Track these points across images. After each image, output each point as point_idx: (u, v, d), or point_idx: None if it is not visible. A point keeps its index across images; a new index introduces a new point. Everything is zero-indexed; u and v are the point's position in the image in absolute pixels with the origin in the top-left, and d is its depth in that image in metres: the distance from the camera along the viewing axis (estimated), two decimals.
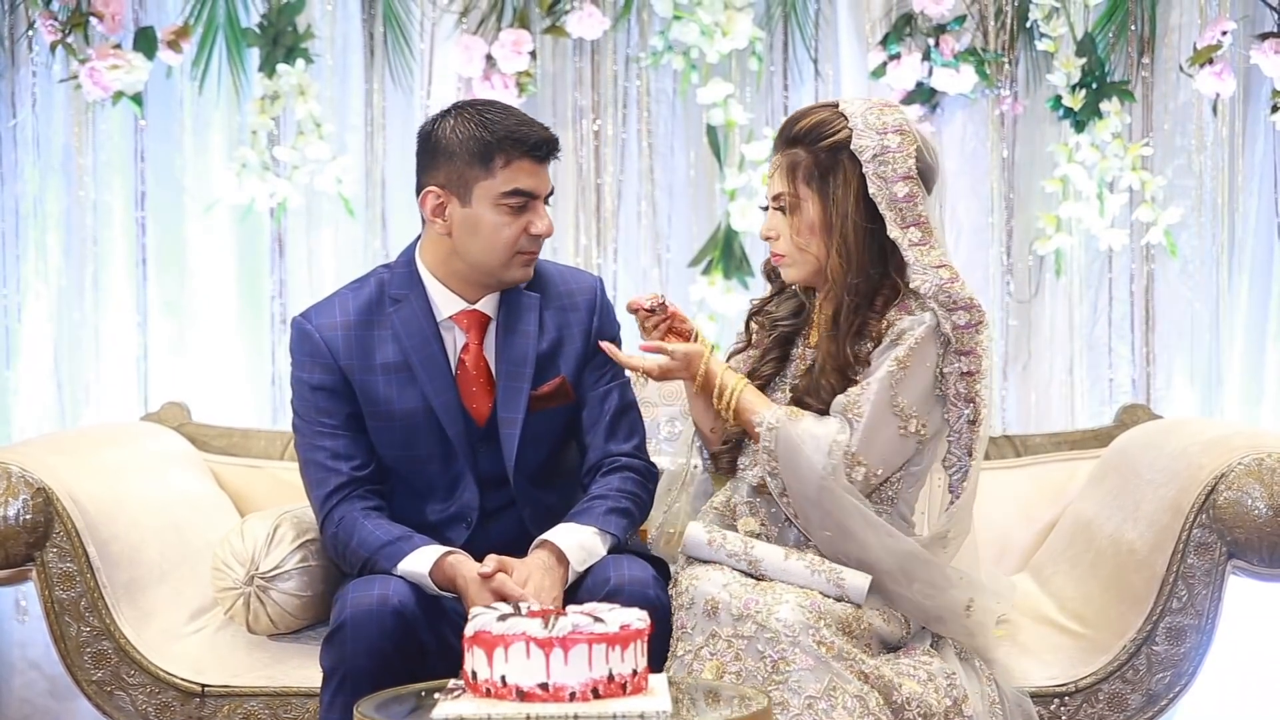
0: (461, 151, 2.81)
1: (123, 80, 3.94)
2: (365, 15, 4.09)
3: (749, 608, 2.65)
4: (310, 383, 2.90)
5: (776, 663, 2.60)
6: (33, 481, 2.99)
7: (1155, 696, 2.99)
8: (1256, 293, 4.12)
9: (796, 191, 2.83)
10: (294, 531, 3.05)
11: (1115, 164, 4.01)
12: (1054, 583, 3.38)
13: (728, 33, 3.99)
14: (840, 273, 2.81)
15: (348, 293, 2.96)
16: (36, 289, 4.09)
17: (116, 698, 3.03)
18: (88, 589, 3.02)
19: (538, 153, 2.82)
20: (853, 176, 2.80)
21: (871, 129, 2.80)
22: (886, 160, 2.79)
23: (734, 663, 2.62)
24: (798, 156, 2.83)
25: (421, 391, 2.86)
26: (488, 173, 2.80)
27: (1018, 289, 4.13)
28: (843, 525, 2.76)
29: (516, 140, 2.79)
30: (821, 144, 2.81)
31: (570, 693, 2.23)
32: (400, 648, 2.68)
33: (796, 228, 2.83)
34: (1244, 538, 2.93)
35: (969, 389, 2.80)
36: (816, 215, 2.82)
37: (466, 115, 2.83)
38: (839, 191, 2.80)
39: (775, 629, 2.61)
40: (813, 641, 2.61)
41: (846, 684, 2.59)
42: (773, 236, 2.87)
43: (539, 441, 2.92)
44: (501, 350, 2.90)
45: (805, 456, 2.75)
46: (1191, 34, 4.05)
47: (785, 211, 2.84)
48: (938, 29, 4.02)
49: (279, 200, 4.03)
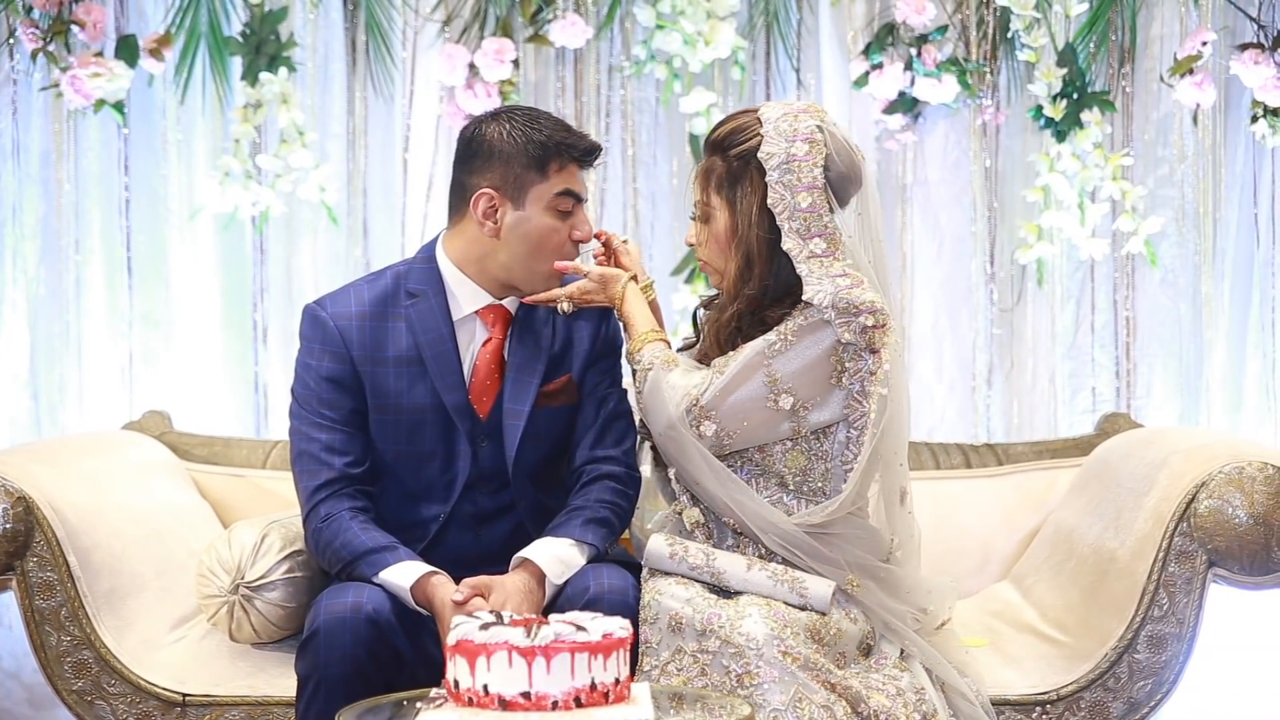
0: (518, 154, 2.83)
1: (104, 88, 3.93)
2: (347, 24, 4.09)
3: (711, 622, 2.64)
4: (319, 371, 2.88)
5: (741, 676, 2.59)
6: (13, 490, 2.98)
7: (1136, 704, 2.99)
8: (1237, 302, 4.14)
9: (709, 200, 2.85)
10: (281, 541, 3.04)
11: (1096, 173, 4.03)
12: (1035, 591, 3.38)
13: (710, 42, 4.00)
14: (737, 282, 2.82)
15: (363, 284, 2.95)
16: (12, 298, 4.08)
17: (97, 707, 3.02)
18: (68, 598, 3.00)
19: (588, 158, 2.88)
20: (758, 185, 2.79)
21: (781, 136, 2.78)
22: (792, 169, 2.77)
23: (699, 678, 2.61)
24: (714, 164, 2.84)
25: (432, 387, 2.86)
26: (543, 176, 2.83)
27: (1000, 298, 4.14)
28: (688, 471, 2.79)
29: (569, 145, 2.85)
30: (733, 151, 2.81)
31: (553, 701, 2.22)
32: (374, 655, 2.68)
33: (710, 236, 2.86)
34: (1224, 546, 2.94)
35: (863, 386, 2.76)
36: (725, 224, 2.83)
37: (517, 120, 2.85)
38: (744, 201, 2.80)
39: (739, 643, 2.60)
40: (778, 653, 2.59)
41: (813, 694, 2.58)
42: (694, 244, 2.90)
43: (540, 439, 2.92)
44: (515, 346, 2.92)
45: (661, 401, 2.78)
46: (1172, 44, 4.07)
47: (701, 220, 2.87)
48: (920, 39, 4.04)
49: (261, 209, 4.02)
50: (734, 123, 2.84)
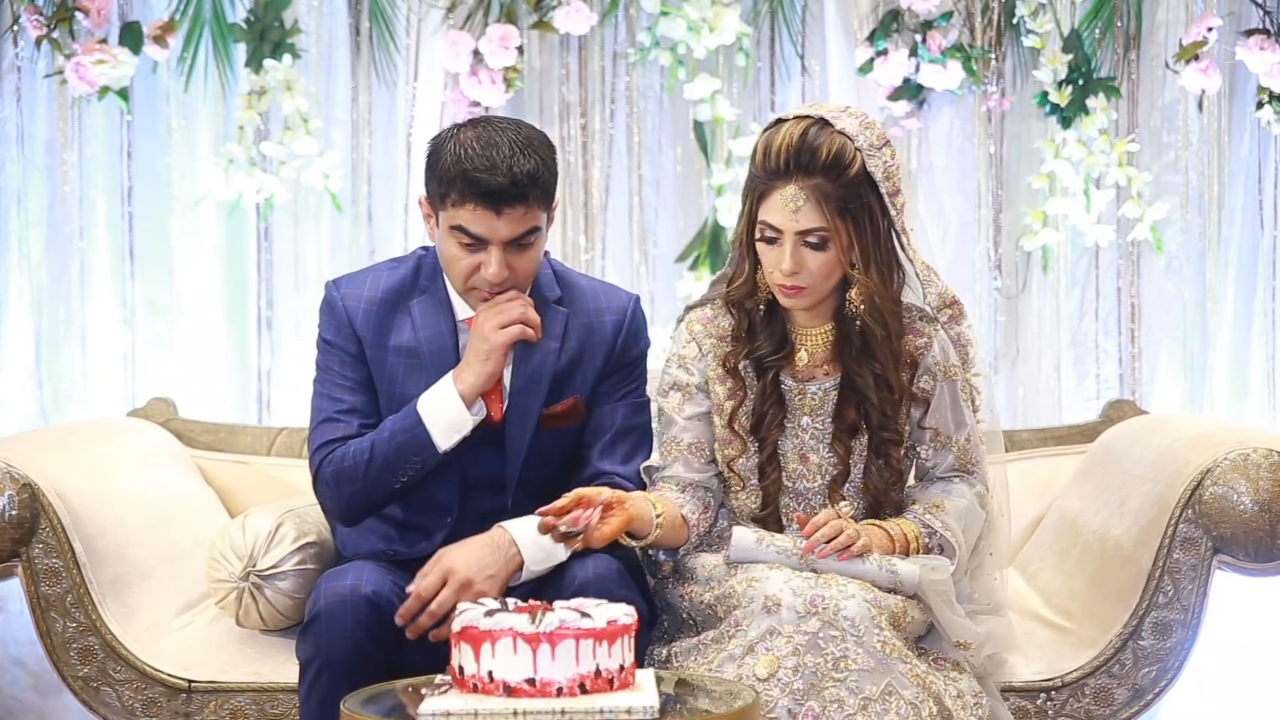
0: (437, 172, 2.75)
1: (108, 75, 3.93)
2: (351, 10, 4.08)
3: (815, 604, 2.60)
4: (333, 343, 2.88)
5: (838, 660, 2.57)
6: (18, 477, 2.98)
7: (1141, 691, 3.00)
8: (1242, 288, 4.14)
9: (832, 224, 2.71)
10: (296, 532, 3.03)
11: (1102, 160, 4.02)
12: (1040, 578, 3.38)
13: (715, 28, 3.99)
14: (887, 301, 2.76)
15: (384, 269, 2.93)
16: (19, 285, 4.08)
17: (103, 693, 3.02)
18: (74, 585, 3.01)
19: (491, 201, 2.69)
20: (875, 199, 2.74)
21: (873, 147, 2.73)
22: (890, 176, 2.75)
23: (791, 658, 2.57)
24: (825, 188, 2.70)
25: (428, 382, 2.82)
26: (443, 204, 2.76)
27: (1005, 284, 4.14)
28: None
29: (468, 181, 2.69)
30: (851, 172, 2.71)
31: (557, 688, 2.22)
32: (374, 636, 2.66)
33: (822, 261, 2.73)
34: (1230, 533, 2.94)
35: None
36: (847, 245, 2.73)
37: (461, 139, 2.74)
38: (867, 217, 2.73)
39: (842, 626, 2.58)
40: (876, 641, 2.58)
41: (904, 689, 2.56)
42: (799, 271, 2.73)
43: (548, 458, 2.88)
44: (519, 364, 2.85)
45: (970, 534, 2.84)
46: (1177, 30, 4.06)
47: (816, 246, 2.72)
48: (925, 25, 4.03)
49: (265, 196, 4.02)
50: (825, 141, 2.70)
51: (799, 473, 2.84)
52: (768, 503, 2.84)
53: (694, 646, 2.70)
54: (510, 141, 2.72)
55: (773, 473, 2.83)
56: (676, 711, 2.32)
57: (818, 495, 2.83)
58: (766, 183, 2.74)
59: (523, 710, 2.20)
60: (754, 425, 2.83)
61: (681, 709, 2.35)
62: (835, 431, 2.82)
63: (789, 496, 2.84)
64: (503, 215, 2.71)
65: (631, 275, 4.10)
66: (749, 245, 2.80)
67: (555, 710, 2.20)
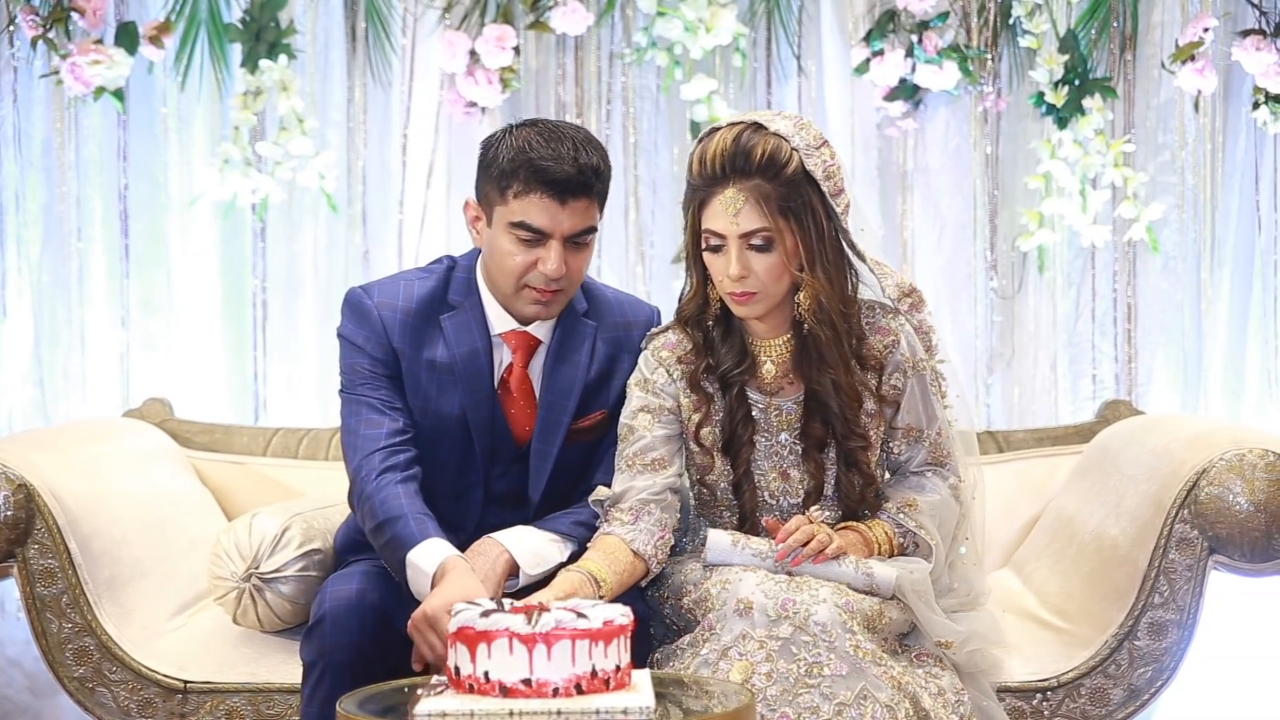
0: (495, 171, 2.73)
1: (104, 76, 3.92)
2: (347, 10, 4.08)
3: (786, 608, 2.59)
4: (366, 352, 2.83)
5: (811, 666, 2.56)
6: (14, 477, 2.98)
7: (1137, 691, 3.00)
8: (1238, 289, 4.14)
9: (775, 225, 2.68)
10: (302, 536, 3.03)
11: (1098, 160, 4.02)
12: (1036, 578, 3.38)
13: (711, 29, 3.99)
14: (835, 301, 2.73)
15: (414, 278, 2.88)
16: (17, 285, 4.08)
17: (98, 694, 3.02)
18: (69, 585, 3.01)
19: (558, 190, 2.68)
20: (817, 198, 2.71)
21: (809, 146, 2.71)
22: (830, 175, 2.73)
23: (765, 663, 2.57)
24: (764, 189, 2.67)
25: (460, 400, 2.81)
26: (503, 198, 2.73)
27: (1001, 285, 4.14)
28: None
29: (533, 170, 2.68)
30: (788, 171, 2.68)
31: (554, 688, 2.22)
32: (378, 640, 2.68)
33: (770, 264, 2.71)
34: (1225, 533, 2.94)
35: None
36: (792, 245, 2.71)
37: (520, 134, 2.73)
38: (810, 217, 2.70)
39: (813, 632, 2.57)
40: (849, 645, 2.57)
41: (879, 691, 2.55)
42: (746, 275, 2.71)
43: (569, 470, 2.88)
44: (548, 378, 2.84)
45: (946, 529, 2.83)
46: (1173, 31, 4.06)
47: (760, 249, 2.69)
48: (921, 25, 4.03)
49: (261, 196, 4.02)
50: (759, 142, 2.68)
51: (782, 489, 2.83)
52: (744, 520, 2.83)
53: (672, 651, 2.70)
54: (573, 136, 2.74)
55: (748, 490, 2.82)
56: (672, 712, 2.32)
57: (801, 511, 2.82)
58: (706, 190, 2.72)
59: (519, 711, 2.20)
60: (725, 443, 2.82)
61: (678, 709, 2.35)
62: (805, 448, 2.80)
63: (775, 514, 2.82)
64: (567, 206, 2.70)
65: (628, 276, 4.10)
66: (695, 258, 2.78)
67: (551, 711, 2.20)
